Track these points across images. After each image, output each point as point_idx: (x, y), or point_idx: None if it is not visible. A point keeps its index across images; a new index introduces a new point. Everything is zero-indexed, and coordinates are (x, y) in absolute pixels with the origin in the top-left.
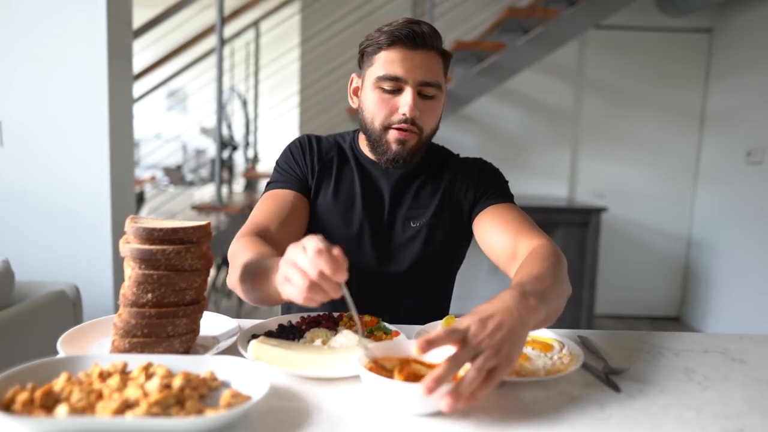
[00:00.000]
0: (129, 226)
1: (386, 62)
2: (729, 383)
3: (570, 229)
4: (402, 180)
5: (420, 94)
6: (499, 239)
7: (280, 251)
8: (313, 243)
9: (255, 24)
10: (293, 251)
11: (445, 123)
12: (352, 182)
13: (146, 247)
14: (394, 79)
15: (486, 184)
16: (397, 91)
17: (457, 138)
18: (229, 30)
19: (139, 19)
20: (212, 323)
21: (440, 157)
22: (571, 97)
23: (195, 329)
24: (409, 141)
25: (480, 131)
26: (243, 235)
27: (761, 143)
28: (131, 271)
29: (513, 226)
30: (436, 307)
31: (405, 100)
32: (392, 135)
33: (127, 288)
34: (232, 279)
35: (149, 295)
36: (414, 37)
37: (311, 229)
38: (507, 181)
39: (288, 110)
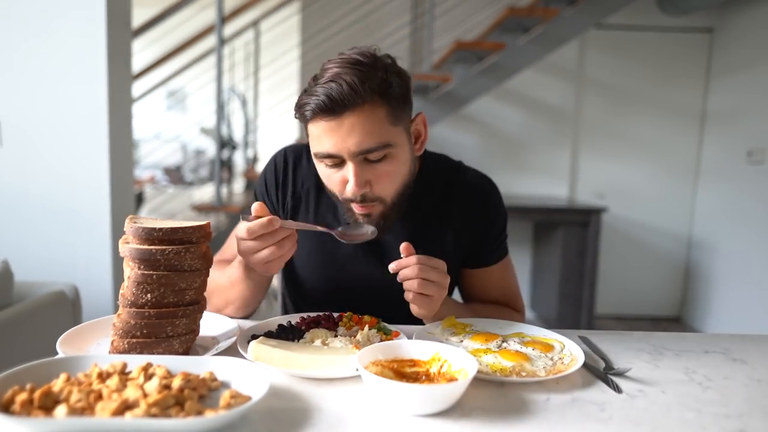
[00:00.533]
0: (128, 226)
1: (315, 138)
2: (730, 383)
3: (570, 229)
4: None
5: (367, 160)
6: (480, 296)
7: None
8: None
9: (255, 24)
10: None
11: (445, 123)
12: (335, 215)
13: (146, 247)
14: (328, 156)
15: (490, 235)
16: (340, 163)
17: (457, 138)
18: (229, 30)
19: (138, 18)
20: (212, 323)
21: (443, 177)
22: (571, 97)
23: (194, 330)
24: (373, 213)
25: (480, 131)
26: (218, 262)
27: (762, 143)
28: (131, 271)
29: (497, 291)
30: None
31: (347, 178)
32: (355, 208)
33: (127, 288)
34: (220, 302)
35: (148, 296)
36: (331, 105)
37: (293, 262)
38: (506, 223)
39: (288, 110)
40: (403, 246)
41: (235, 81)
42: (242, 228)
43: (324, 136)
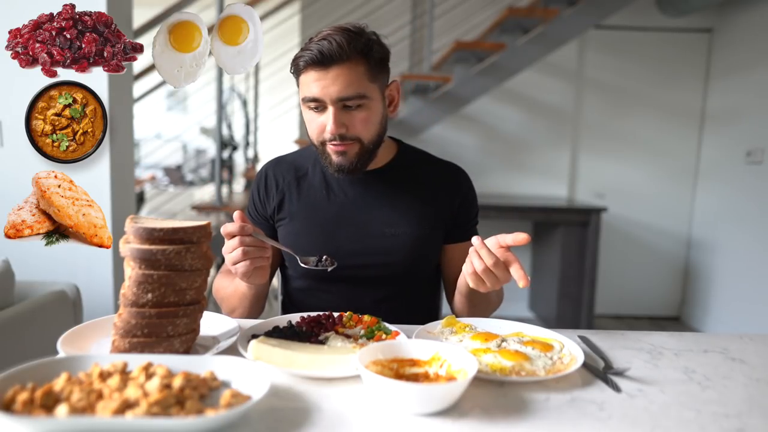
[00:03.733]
0: (129, 226)
1: (304, 85)
2: (729, 383)
3: (570, 229)
4: (373, 187)
5: (345, 107)
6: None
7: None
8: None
9: None
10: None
11: (445, 123)
12: (317, 197)
13: (146, 247)
14: (313, 100)
15: (466, 210)
16: (322, 109)
17: (457, 138)
18: None
19: (139, 19)
20: (212, 323)
21: (415, 160)
22: (571, 97)
23: (195, 329)
24: (348, 151)
25: (480, 131)
26: (223, 271)
27: (761, 143)
28: (131, 271)
29: None
30: (425, 308)
31: (327, 119)
32: (330, 148)
33: (128, 288)
34: (226, 309)
35: (149, 295)
36: (321, 58)
37: (285, 253)
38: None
39: (288, 110)
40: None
41: (236, 81)
42: (221, 228)
43: (312, 84)
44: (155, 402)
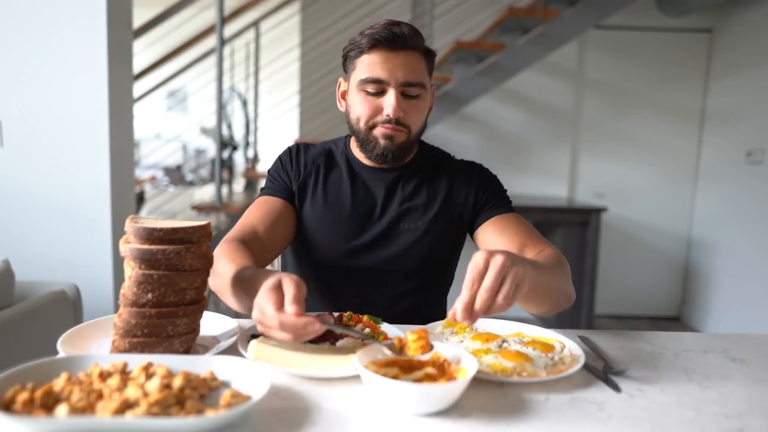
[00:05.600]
0: (129, 226)
1: (368, 65)
2: (729, 383)
3: (570, 229)
4: (395, 182)
5: (404, 95)
6: (503, 247)
7: (266, 253)
8: (268, 308)
9: (255, 24)
10: (259, 302)
11: (445, 123)
12: (342, 187)
13: (146, 247)
14: (376, 81)
15: (487, 193)
16: (380, 93)
17: (457, 138)
18: (229, 30)
19: (139, 19)
20: (212, 323)
21: (436, 159)
22: (571, 97)
23: (195, 329)
24: (396, 137)
25: (480, 131)
26: (230, 239)
27: (761, 143)
28: (131, 271)
29: (519, 238)
30: (432, 309)
31: (389, 101)
32: (379, 131)
33: (128, 288)
34: (216, 283)
35: (149, 295)
36: (394, 39)
37: (302, 234)
38: (506, 189)
39: (288, 110)
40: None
41: (236, 81)
42: (272, 315)
43: (377, 65)
44: (155, 402)
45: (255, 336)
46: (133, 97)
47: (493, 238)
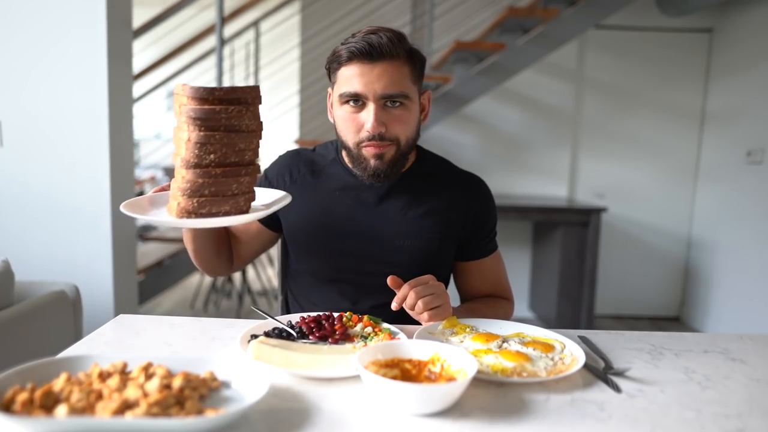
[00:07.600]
0: (184, 88)
1: (346, 79)
2: (729, 383)
3: (570, 229)
4: (389, 193)
5: (386, 106)
6: (475, 288)
7: (241, 250)
8: None
9: (255, 24)
10: None
11: (445, 123)
12: (330, 197)
13: (207, 106)
14: (354, 96)
15: (483, 228)
16: (361, 106)
17: (457, 138)
18: (229, 30)
19: (139, 19)
20: (259, 195)
21: (434, 168)
22: (571, 97)
23: (253, 190)
24: (386, 154)
25: (480, 131)
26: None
27: (761, 143)
28: (190, 133)
29: (487, 284)
30: None
31: (367, 117)
32: (367, 151)
33: (187, 151)
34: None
35: (212, 156)
36: (370, 50)
37: (290, 244)
38: (497, 215)
39: (288, 110)
40: (390, 281)
41: (236, 81)
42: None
43: (355, 78)
44: (155, 402)
45: (255, 336)
46: (133, 97)
47: (467, 277)
